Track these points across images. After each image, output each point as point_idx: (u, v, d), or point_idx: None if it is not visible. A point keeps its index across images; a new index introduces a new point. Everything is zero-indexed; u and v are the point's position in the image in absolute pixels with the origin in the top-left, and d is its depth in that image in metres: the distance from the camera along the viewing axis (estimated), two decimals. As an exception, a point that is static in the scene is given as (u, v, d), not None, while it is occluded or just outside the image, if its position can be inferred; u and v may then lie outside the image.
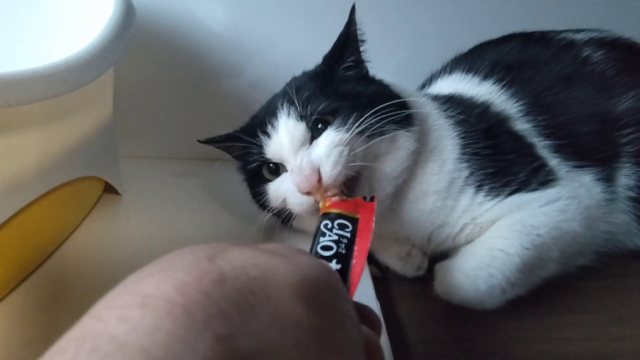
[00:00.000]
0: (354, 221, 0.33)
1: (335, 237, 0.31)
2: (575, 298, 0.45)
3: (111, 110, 0.55)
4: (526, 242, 0.40)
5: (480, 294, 0.39)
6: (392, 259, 0.47)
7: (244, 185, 0.50)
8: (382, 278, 0.47)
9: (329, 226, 0.32)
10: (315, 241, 0.31)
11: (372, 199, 0.35)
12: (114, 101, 0.56)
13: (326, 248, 0.30)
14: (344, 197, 0.37)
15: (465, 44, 0.61)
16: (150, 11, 0.65)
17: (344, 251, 0.30)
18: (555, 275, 0.43)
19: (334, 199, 0.36)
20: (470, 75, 0.54)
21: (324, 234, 0.31)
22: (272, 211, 0.44)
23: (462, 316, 0.42)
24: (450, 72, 0.56)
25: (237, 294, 0.16)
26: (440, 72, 0.59)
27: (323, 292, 0.19)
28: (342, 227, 0.32)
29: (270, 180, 0.43)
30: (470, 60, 0.56)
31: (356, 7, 0.45)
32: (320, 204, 0.37)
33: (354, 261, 0.30)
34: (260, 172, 0.44)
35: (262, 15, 0.68)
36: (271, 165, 0.43)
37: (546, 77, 0.51)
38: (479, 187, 0.43)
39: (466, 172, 0.43)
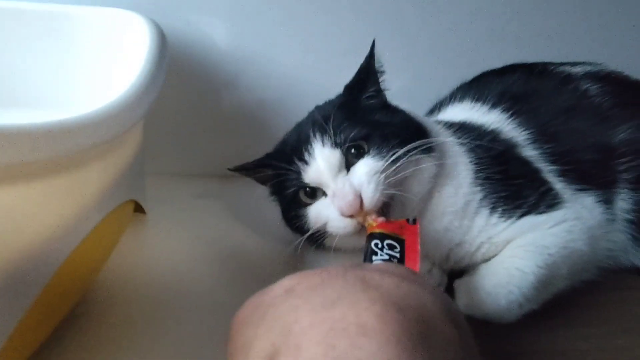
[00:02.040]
0: (401, 242, 0.36)
1: (387, 257, 0.34)
2: (584, 311, 0.49)
3: (142, 131, 0.58)
4: (540, 261, 0.44)
5: (500, 309, 0.43)
6: (413, 276, 0.51)
7: (268, 204, 0.53)
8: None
9: (379, 245, 0.35)
10: (367, 259, 0.34)
11: (414, 221, 0.38)
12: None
13: None
14: (389, 218, 0.41)
15: (464, 70, 0.65)
16: (169, 31, 0.67)
17: None
18: (563, 290, 0.47)
19: (380, 219, 0.39)
20: (480, 103, 0.58)
21: (375, 253, 0.34)
22: (309, 233, 0.47)
23: (479, 330, 0.45)
24: (461, 100, 0.61)
25: (416, 323, 0.19)
26: (450, 99, 0.63)
27: (456, 313, 0.23)
28: (391, 247, 0.35)
29: (308, 204, 0.47)
30: (478, 89, 0.61)
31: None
32: (367, 223, 0.40)
33: None
34: (297, 196, 0.47)
35: (274, 32, 0.71)
36: (308, 189, 0.46)
37: (550, 108, 0.56)
38: (492, 209, 0.47)
39: (480, 195, 0.48)
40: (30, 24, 0.58)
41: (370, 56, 0.49)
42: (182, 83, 0.71)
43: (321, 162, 0.44)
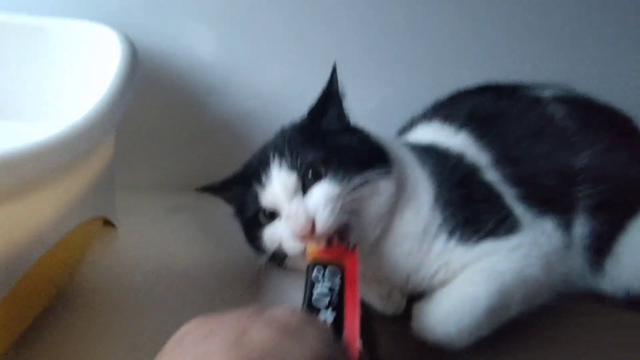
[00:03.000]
0: (342, 269, 0.36)
1: (328, 285, 0.34)
2: (536, 334, 0.50)
3: (113, 149, 0.58)
4: (493, 288, 0.45)
5: (450, 336, 0.44)
6: (373, 298, 0.51)
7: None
8: (364, 316, 0.52)
9: (321, 274, 0.35)
10: (307, 292, 0.34)
11: (354, 247, 0.39)
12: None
13: (321, 297, 0.33)
14: (330, 244, 0.41)
15: (448, 85, 0.66)
16: (144, 42, 0.66)
17: (336, 299, 0.33)
18: (518, 314, 0.48)
19: (321, 245, 0.40)
20: (447, 124, 0.59)
21: (316, 284, 0.34)
22: (269, 254, 0.48)
23: (436, 354, 0.46)
24: (430, 119, 0.62)
25: None
26: (421, 118, 0.64)
27: None
28: (332, 274, 0.35)
29: (266, 226, 0.48)
30: (448, 109, 0.62)
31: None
32: (307, 249, 0.41)
33: (346, 320, 0.33)
34: (257, 218, 0.48)
35: (252, 46, 0.71)
36: (267, 211, 0.47)
37: (515, 131, 0.56)
38: (451, 234, 0.48)
39: (439, 219, 0.48)
40: (3, 36, 0.58)
41: (331, 80, 0.50)
42: (155, 96, 0.71)
43: (277, 185, 0.45)
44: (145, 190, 0.72)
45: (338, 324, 0.32)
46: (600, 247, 0.52)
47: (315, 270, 0.36)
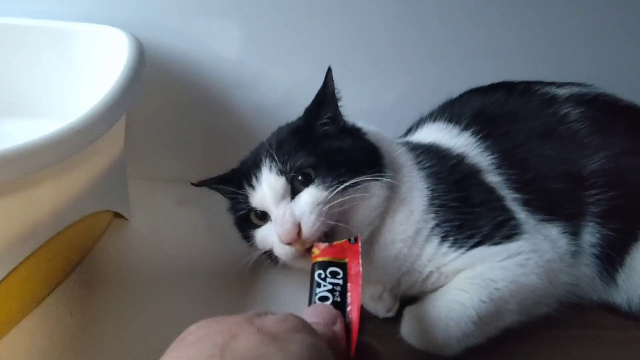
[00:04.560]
0: (343, 266, 0.36)
1: (330, 286, 0.34)
2: (531, 347, 0.47)
3: (123, 143, 0.61)
4: (483, 296, 0.43)
5: (438, 343, 0.43)
6: (365, 299, 0.51)
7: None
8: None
9: (322, 276, 0.35)
10: (312, 293, 0.35)
11: (355, 240, 0.38)
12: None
13: (323, 299, 0.34)
14: (330, 243, 0.41)
15: (462, 84, 0.64)
16: (158, 35, 0.68)
17: (339, 299, 0.33)
18: (515, 324, 0.46)
19: (322, 245, 0.40)
20: (452, 125, 0.57)
21: (319, 285, 0.35)
22: (257, 253, 0.49)
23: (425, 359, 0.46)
24: (435, 119, 0.60)
25: None
26: (427, 118, 0.62)
27: None
28: (333, 274, 0.35)
29: (258, 226, 0.48)
30: (454, 109, 0.59)
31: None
32: (312, 253, 0.40)
33: (349, 307, 0.33)
34: (249, 217, 0.49)
35: (276, 42, 0.71)
36: (258, 212, 0.48)
37: (523, 132, 0.54)
38: (443, 238, 0.46)
39: (432, 223, 0.47)
40: (21, 39, 0.62)
41: (326, 82, 0.49)
42: (172, 91, 0.73)
43: (266, 188, 0.45)
44: (159, 183, 0.74)
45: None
46: (611, 257, 0.49)
47: (317, 272, 0.36)
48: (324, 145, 0.48)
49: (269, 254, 0.49)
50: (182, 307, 0.53)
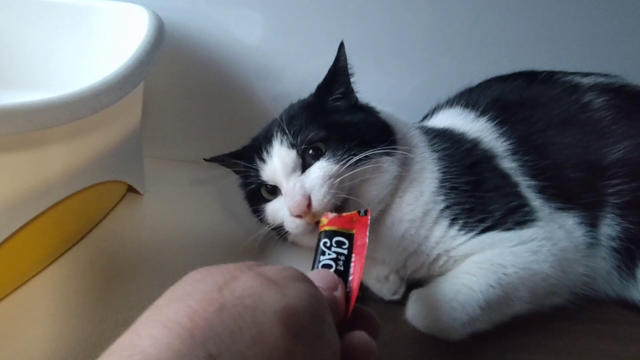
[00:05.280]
0: (350, 237, 0.36)
1: (334, 255, 0.34)
2: (542, 338, 0.46)
3: (139, 118, 0.62)
4: (492, 280, 0.42)
5: (442, 326, 0.42)
6: (371, 280, 0.50)
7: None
8: (361, 297, 0.51)
9: (328, 244, 0.35)
10: (316, 260, 0.35)
11: (365, 212, 0.38)
12: (143, 105, 0.62)
13: (326, 266, 0.34)
14: (340, 213, 0.40)
15: (481, 74, 0.62)
16: (183, 18, 0.69)
17: (342, 268, 0.33)
18: (525, 313, 0.45)
19: (331, 215, 0.39)
20: (468, 110, 0.56)
21: (323, 253, 0.35)
22: (267, 228, 0.49)
23: (430, 343, 0.44)
24: (451, 105, 0.59)
25: (230, 319, 0.21)
26: (443, 104, 0.61)
27: (304, 319, 0.23)
28: (339, 244, 0.35)
29: (268, 200, 0.48)
30: (473, 95, 0.58)
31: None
32: (321, 222, 0.41)
33: (351, 277, 0.33)
34: (259, 191, 0.49)
35: (297, 31, 0.71)
36: (269, 186, 0.48)
37: (542, 118, 0.52)
38: (453, 221, 0.45)
39: (442, 205, 0.46)
40: (42, 14, 0.63)
41: (338, 58, 0.49)
42: (188, 73, 0.74)
43: (276, 161, 0.45)
44: (175, 163, 0.76)
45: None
46: (631, 251, 0.47)
47: (323, 240, 0.36)
48: (335, 119, 0.48)
49: (278, 230, 0.49)
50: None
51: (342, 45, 0.49)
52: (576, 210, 0.47)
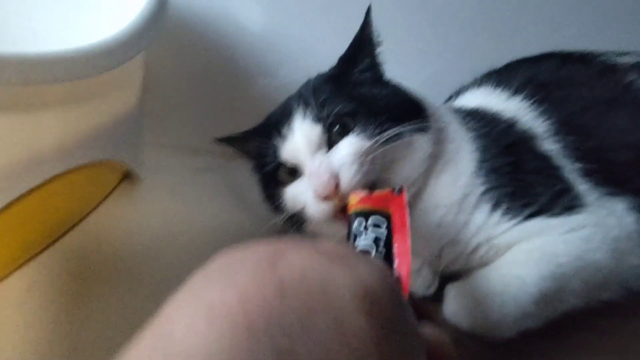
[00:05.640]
0: (387, 217, 0.31)
1: (372, 237, 0.30)
2: (592, 337, 0.42)
3: (138, 96, 0.56)
4: (545, 271, 0.37)
5: (490, 323, 0.37)
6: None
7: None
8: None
9: (363, 225, 0.31)
10: (350, 243, 0.30)
11: (400, 190, 0.33)
12: (145, 89, 0.57)
13: (365, 249, 0.29)
14: (371, 191, 0.36)
15: (496, 61, 0.59)
16: (187, 4, 0.66)
17: (384, 250, 0.29)
18: (576, 308, 0.40)
19: (361, 193, 0.35)
20: (500, 89, 0.51)
21: (359, 234, 0.30)
22: (287, 215, 0.43)
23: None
24: (480, 85, 0.54)
25: (298, 304, 0.16)
26: (470, 85, 0.57)
27: (385, 303, 0.18)
28: (376, 225, 0.31)
29: (287, 184, 0.43)
30: (502, 76, 0.54)
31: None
32: (350, 201, 0.36)
33: (396, 261, 0.29)
34: (276, 174, 0.43)
35: (300, 18, 0.69)
36: (288, 167, 0.42)
37: (583, 98, 0.48)
38: (495, 206, 0.41)
39: (482, 188, 0.41)
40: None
41: (364, 25, 0.44)
42: (197, 61, 0.70)
43: (299, 137, 0.40)
44: (174, 150, 0.71)
45: None
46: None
47: (356, 221, 0.31)
48: (362, 92, 0.43)
49: (296, 219, 0.43)
50: (186, 268, 0.48)
51: (369, 10, 0.44)
52: (626, 196, 0.43)
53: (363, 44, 0.45)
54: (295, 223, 0.44)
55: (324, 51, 0.69)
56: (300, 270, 0.17)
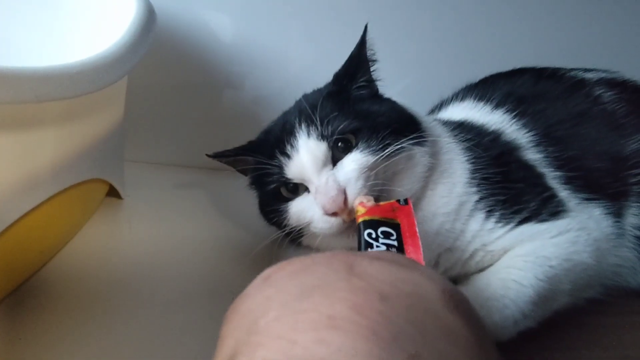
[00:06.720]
0: (396, 227, 0.32)
1: (384, 247, 0.30)
2: (583, 333, 0.44)
3: (122, 113, 0.54)
4: (539, 274, 0.40)
5: (493, 325, 0.38)
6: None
7: (245, 196, 0.49)
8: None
9: (373, 235, 0.31)
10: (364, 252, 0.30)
11: (406, 201, 0.34)
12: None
13: None
14: (378, 202, 0.36)
15: (472, 74, 0.62)
16: (161, 19, 0.64)
17: None
18: (564, 307, 0.43)
19: (369, 204, 0.35)
20: (482, 103, 0.54)
21: (370, 245, 0.30)
22: (286, 229, 0.43)
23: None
24: (462, 99, 0.57)
25: (405, 311, 0.16)
26: (451, 98, 0.60)
27: (464, 301, 0.19)
28: (386, 235, 0.31)
29: (289, 200, 0.43)
30: (482, 90, 0.57)
31: (361, 27, 0.46)
32: (355, 211, 0.36)
33: None
34: (279, 191, 0.43)
35: (270, 29, 0.69)
36: (290, 184, 0.43)
37: (558, 111, 0.52)
38: (489, 213, 0.43)
39: (476, 197, 0.43)
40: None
41: (362, 43, 0.46)
42: (175, 75, 0.69)
43: (305, 155, 0.41)
44: (155, 167, 0.69)
45: None
46: (656, 241, 0.47)
47: (367, 230, 0.31)
48: (362, 108, 0.44)
49: (296, 233, 0.43)
50: (173, 286, 0.47)
51: (365, 29, 0.45)
52: (603, 201, 0.47)
53: (360, 62, 0.46)
54: (295, 237, 0.44)
55: (305, 64, 0.70)
56: (389, 280, 0.17)
